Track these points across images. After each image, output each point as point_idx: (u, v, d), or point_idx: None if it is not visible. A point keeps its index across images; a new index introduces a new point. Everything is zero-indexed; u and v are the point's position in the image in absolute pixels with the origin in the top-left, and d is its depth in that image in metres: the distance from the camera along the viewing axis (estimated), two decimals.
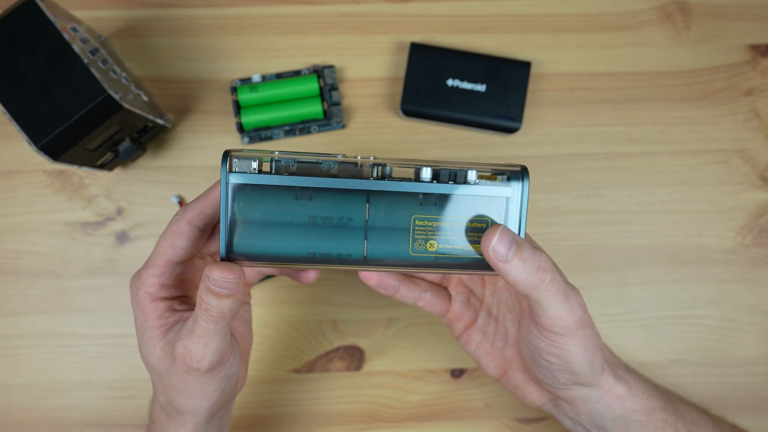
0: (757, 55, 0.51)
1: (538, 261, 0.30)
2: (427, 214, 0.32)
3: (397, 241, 0.32)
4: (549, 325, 0.32)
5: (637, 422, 0.37)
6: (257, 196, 0.31)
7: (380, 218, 0.32)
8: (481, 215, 0.32)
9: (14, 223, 0.49)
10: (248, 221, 0.31)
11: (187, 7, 0.51)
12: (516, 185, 0.31)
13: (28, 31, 0.39)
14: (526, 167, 0.32)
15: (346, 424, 0.50)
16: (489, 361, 0.39)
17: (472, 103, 0.49)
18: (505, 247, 0.29)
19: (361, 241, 0.32)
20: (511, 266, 0.30)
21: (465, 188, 0.31)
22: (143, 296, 0.33)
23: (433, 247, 0.32)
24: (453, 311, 0.39)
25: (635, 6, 0.52)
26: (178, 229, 0.33)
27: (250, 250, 0.31)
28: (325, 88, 0.50)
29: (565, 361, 0.33)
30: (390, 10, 0.51)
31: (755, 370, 0.51)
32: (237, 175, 0.31)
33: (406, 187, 0.31)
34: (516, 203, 0.32)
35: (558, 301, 0.31)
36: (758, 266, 0.51)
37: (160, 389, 0.34)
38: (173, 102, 0.50)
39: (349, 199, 0.31)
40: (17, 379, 0.49)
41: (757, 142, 0.51)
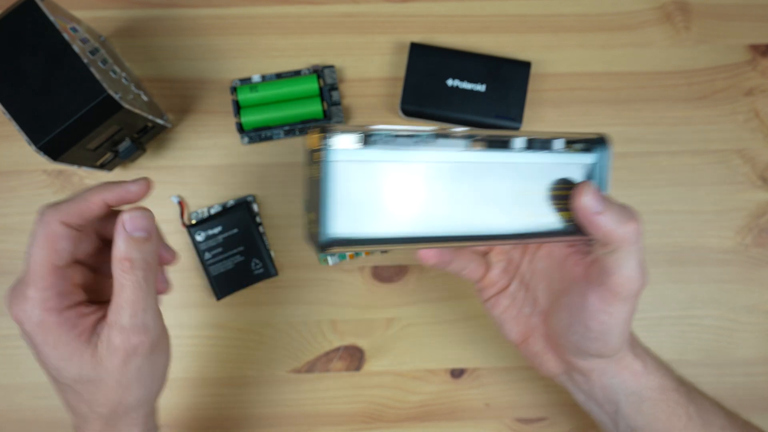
0: (757, 55, 0.51)
1: (629, 212, 0.31)
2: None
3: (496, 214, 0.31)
4: (617, 285, 0.32)
5: (650, 399, 0.37)
6: (360, 176, 0.28)
7: (482, 192, 0.30)
8: (568, 180, 0.32)
9: (14, 223, 0.49)
10: (349, 204, 0.28)
11: (187, 7, 0.51)
12: (598, 151, 0.32)
13: (27, 31, 0.39)
14: (606, 135, 0.33)
15: (346, 425, 0.50)
16: (513, 326, 0.39)
17: (472, 103, 0.49)
18: (596, 200, 0.31)
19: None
20: (603, 217, 0.31)
21: (556, 156, 0.31)
22: (45, 316, 0.30)
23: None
24: (490, 278, 0.39)
25: (635, 6, 0.52)
26: (54, 231, 0.31)
27: (351, 233, 0.28)
28: (325, 88, 0.50)
29: (607, 328, 0.34)
30: (390, 10, 0.51)
31: (755, 370, 0.50)
32: (345, 152, 0.27)
33: (506, 158, 0.30)
34: (599, 168, 0.33)
35: (635, 261, 0.32)
36: (758, 266, 0.51)
37: (100, 401, 0.32)
38: (173, 102, 0.50)
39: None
40: (16, 379, 0.49)
41: (757, 142, 0.51)
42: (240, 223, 0.49)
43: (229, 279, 0.47)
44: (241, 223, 0.49)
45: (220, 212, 0.49)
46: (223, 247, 0.48)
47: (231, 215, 0.49)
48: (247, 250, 0.49)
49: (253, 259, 0.49)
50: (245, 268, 0.49)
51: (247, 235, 0.49)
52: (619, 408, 0.38)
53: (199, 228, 0.48)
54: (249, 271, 0.49)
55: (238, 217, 0.49)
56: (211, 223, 0.48)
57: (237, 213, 0.49)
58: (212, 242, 0.48)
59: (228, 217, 0.49)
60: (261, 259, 0.49)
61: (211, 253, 0.49)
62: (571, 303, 0.35)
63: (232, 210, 0.49)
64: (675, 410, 0.38)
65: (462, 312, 0.50)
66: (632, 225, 0.31)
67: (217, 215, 0.49)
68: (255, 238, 0.49)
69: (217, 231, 0.48)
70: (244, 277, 0.49)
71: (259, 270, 0.49)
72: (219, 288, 0.49)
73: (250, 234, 0.49)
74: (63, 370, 0.31)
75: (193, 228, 0.48)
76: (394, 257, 0.50)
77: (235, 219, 0.49)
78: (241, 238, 0.49)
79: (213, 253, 0.48)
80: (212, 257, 0.49)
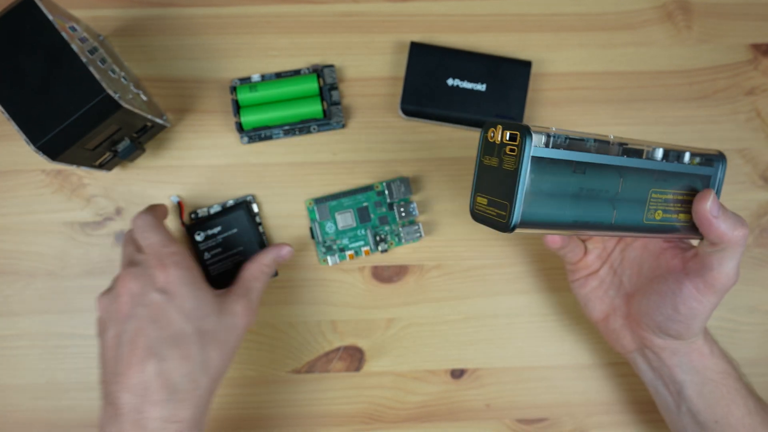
0: (758, 54, 0.51)
1: (740, 220, 0.37)
2: (660, 188, 0.37)
3: (637, 211, 0.37)
4: (715, 279, 0.38)
5: (713, 382, 0.41)
6: (548, 168, 0.33)
7: (628, 191, 0.36)
8: (691, 188, 0.39)
9: (12, 223, 0.49)
10: (536, 191, 0.33)
11: (186, 6, 0.50)
12: (718, 165, 0.39)
13: (26, 30, 0.39)
14: (723, 153, 0.40)
15: (345, 425, 0.50)
16: (596, 305, 0.45)
17: (472, 102, 0.48)
18: (716, 206, 0.37)
19: (611, 210, 0.36)
20: (720, 221, 0.37)
21: (686, 167, 0.38)
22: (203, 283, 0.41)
23: (659, 215, 0.38)
24: (585, 261, 0.45)
25: (636, 5, 0.51)
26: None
27: (534, 218, 0.33)
28: (324, 88, 0.49)
29: (694, 313, 0.39)
30: (390, 9, 0.51)
31: (756, 371, 0.50)
32: (537, 150, 0.33)
33: (653, 165, 0.37)
34: (717, 180, 0.39)
35: (735, 261, 0.38)
36: (759, 266, 0.51)
37: (215, 354, 0.39)
38: (172, 101, 0.50)
39: (609, 174, 0.35)
40: (15, 379, 0.49)
41: (759, 141, 0.51)
42: (239, 223, 0.48)
43: (229, 279, 0.47)
44: (240, 223, 0.48)
45: (219, 212, 0.49)
46: (222, 247, 0.48)
47: (230, 215, 0.48)
48: (247, 250, 0.48)
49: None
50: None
51: (246, 236, 0.48)
52: (682, 389, 0.42)
53: (198, 228, 0.48)
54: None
55: (238, 217, 0.48)
56: (211, 223, 0.48)
57: (236, 213, 0.48)
58: (212, 242, 0.48)
59: (227, 217, 0.48)
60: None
61: (210, 253, 0.48)
62: (665, 288, 0.40)
63: (231, 210, 0.49)
64: (735, 398, 0.41)
65: (462, 312, 0.50)
66: (742, 230, 0.37)
67: (217, 215, 0.48)
68: (254, 238, 0.48)
69: (216, 231, 0.48)
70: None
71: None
72: (218, 288, 0.48)
73: (249, 234, 0.48)
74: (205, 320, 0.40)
75: (193, 228, 0.48)
76: (394, 257, 0.50)
77: (235, 219, 0.48)
78: (240, 238, 0.48)
79: (212, 253, 0.48)
80: (212, 257, 0.48)
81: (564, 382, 0.50)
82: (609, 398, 0.50)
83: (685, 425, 0.43)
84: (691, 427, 0.42)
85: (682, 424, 0.43)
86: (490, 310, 0.50)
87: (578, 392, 0.50)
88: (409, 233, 0.49)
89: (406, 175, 0.50)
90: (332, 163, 0.50)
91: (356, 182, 0.50)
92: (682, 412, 0.42)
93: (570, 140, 0.34)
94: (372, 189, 0.50)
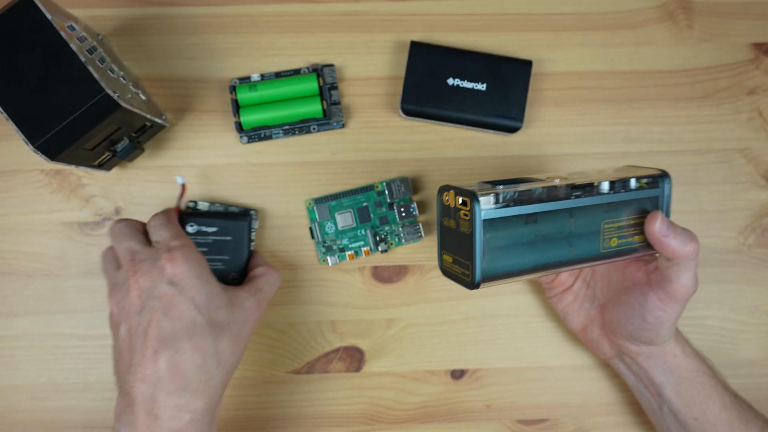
0: (760, 53, 0.51)
1: (690, 235, 0.39)
2: (611, 218, 0.40)
3: (593, 243, 0.40)
4: (675, 290, 0.40)
5: (688, 380, 0.44)
6: (501, 225, 0.36)
7: (581, 227, 0.39)
8: (641, 211, 0.41)
9: (11, 223, 0.49)
10: (494, 248, 0.36)
11: (185, 5, 0.50)
12: (662, 185, 0.42)
13: (25, 29, 0.39)
14: (666, 171, 0.42)
15: (345, 426, 0.50)
16: (574, 317, 0.47)
17: (472, 102, 0.48)
18: (665, 226, 0.40)
19: (568, 248, 0.39)
20: (670, 240, 0.39)
21: (633, 194, 0.41)
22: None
23: (615, 242, 0.41)
24: (559, 279, 0.47)
25: (637, 4, 0.51)
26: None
27: (495, 272, 0.37)
28: (324, 87, 0.49)
29: (660, 322, 0.41)
30: (390, 8, 0.51)
31: (758, 371, 0.50)
32: (487, 211, 0.36)
33: (600, 200, 0.40)
34: (664, 199, 0.42)
35: (692, 272, 0.40)
36: (761, 267, 0.50)
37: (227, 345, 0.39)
38: (172, 101, 0.50)
39: (560, 216, 0.38)
40: (14, 380, 0.49)
41: (761, 141, 0.51)
42: (236, 234, 0.46)
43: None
44: (237, 234, 0.46)
45: (220, 213, 0.48)
46: (209, 249, 0.46)
47: (231, 222, 0.46)
48: (232, 262, 0.46)
49: (232, 273, 0.46)
50: (222, 277, 0.45)
51: (238, 249, 0.46)
52: (661, 390, 0.44)
53: (194, 219, 0.46)
54: (224, 280, 0.45)
55: (238, 228, 0.46)
56: (208, 220, 0.46)
57: (238, 222, 0.46)
58: (201, 239, 0.46)
59: (228, 222, 0.46)
60: (240, 275, 0.46)
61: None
62: (632, 300, 0.42)
63: (234, 217, 0.47)
64: (711, 395, 0.43)
65: (462, 313, 0.50)
66: (692, 245, 0.39)
67: (217, 215, 0.47)
68: (244, 254, 0.47)
69: (210, 230, 0.46)
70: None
71: (234, 283, 0.46)
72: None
73: (241, 248, 0.46)
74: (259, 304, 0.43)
75: (186, 217, 0.46)
76: (394, 257, 0.50)
77: (234, 228, 0.46)
78: (231, 248, 0.46)
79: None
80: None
81: (564, 382, 0.50)
82: (609, 399, 0.50)
83: (668, 425, 0.45)
84: (674, 426, 0.45)
85: (666, 424, 0.45)
86: (490, 310, 0.50)
87: (578, 393, 0.50)
88: (409, 233, 0.49)
89: (406, 175, 0.50)
90: (332, 163, 0.50)
91: (356, 182, 0.50)
92: (664, 412, 0.45)
93: (519, 193, 0.37)
94: (372, 189, 0.49)
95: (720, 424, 0.43)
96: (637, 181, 0.41)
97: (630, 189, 0.40)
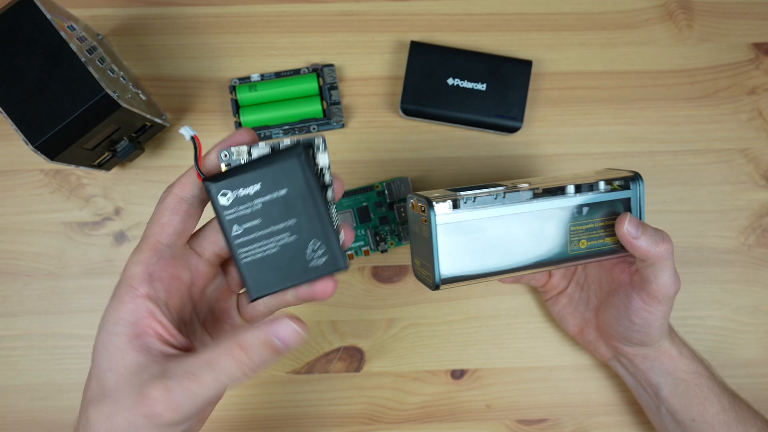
0: (760, 53, 0.51)
1: (661, 236, 0.39)
2: (578, 220, 0.40)
3: (560, 245, 0.40)
4: (655, 291, 0.39)
5: (685, 382, 0.43)
6: (460, 230, 0.38)
7: (546, 230, 0.40)
8: (612, 212, 0.41)
9: (11, 223, 0.49)
10: (451, 252, 0.38)
11: (185, 5, 0.50)
12: (634, 187, 0.41)
13: (24, 29, 0.39)
14: (638, 173, 0.41)
15: (345, 426, 0.50)
16: (570, 320, 0.47)
17: (472, 102, 0.48)
18: (634, 227, 0.39)
19: (533, 250, 0.40)
20: (640, 241, 0.38)
21: (601, 195, 0.41)
22: (124, 289, 0.28)
23: (584, 244, 0.41)
24: (552, 282, 0.47)
25: (637, 4, 0.51)
26: (164, 204, 0.29)
27: (456, 274, 0.38)
28: (324, 87, 0.49)
29: (647, 323, 0.41)
30: (390, 8, 0.51)
31: (758, 372, 0.50)
32: (443, 216, 0.37)
33: (565, 203, 0.40)
34: (636, 200, 0.41)
35: (669, 271, 0.39)
36: (761, 267, 0.50)
37: (93, 417, 0.27)
38: (171, 101, 0.50)
39: (523, 220, 0.39)
40: (13, 380, 0.49)
41: (761, 141, 0.51)
42: (292, 179, 0.30)
43: (270, 270, 0.30)
44: (293, 179, 0.30)
45: (259, 160, 0.31)
46: (261, 219, 0.30)
47: (277, 165, 0.30)
48: (302, 225, 0.30)
49: (312, 241, 0.31)
50: (296, 253, 0.31)
51: (303, 200, 0.30)
52: (658, 390, 0.44)
53: (224, 183, 0.30)
54: (302, 259, 0.31)
55: (290, 170, 0.30)
56: (245, 177, 0.30)
57: (288, 162, 0.30)
58: (244, 209, 0.30)
59: (272, 167, 0.30)
60: (325, 241, 0.31)
61: (241, 227, 0.30)
62: (619, 302, 0.42)
63: (280, 157, 0.30)
64: (708, 396, 0.43)
65: (462, 312, 0.50)
66: (664, 246, 0.38)
67: (255, 164, 0.30)
68: (316, 205, 0.30)
69: (252, 191, 0.30)
70: (294, 269, 0.31)
71: (320, 259, 0.31)
72: (253, 283, 0.31)
73: (308, 197, 0.30)
74: (100, 350, 0.28)
75: (215, 182, 0.30)
76: (394, 257, 0.50)
77: (285, 172, 0.30)
78: (293, 203, 0.30)
79: (244, 226, 0.31)
80: (243, 233, 0.31)
81: (564, 382, 0.50)
82: (609, 399, 0.50)
83: (666, 425, 0.45)
84: (672, 426, 0.45)
85: (664, 424, 0.45)
86: (490, 310, 0.50)
87: (578, 393, 0.50)
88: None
89: (406, 175, 0.50)
90: (332, 162, 0.50)
91: (356, 182, 0.50)
92: (662, 412, 0.45)
93: (478, 199, 0.38)
94: (372, 189, 0.49)
95: (718, 426, 0.43)
96: (607, 184, 0.41)
97: (599, 191, 0.40)
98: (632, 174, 0.41)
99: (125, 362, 0.27)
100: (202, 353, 0.26)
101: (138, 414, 0.26)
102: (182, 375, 0.26)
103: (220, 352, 0.26)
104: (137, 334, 0.27)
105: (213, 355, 0.26)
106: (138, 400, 0.26)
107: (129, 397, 0.26)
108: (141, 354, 0.27)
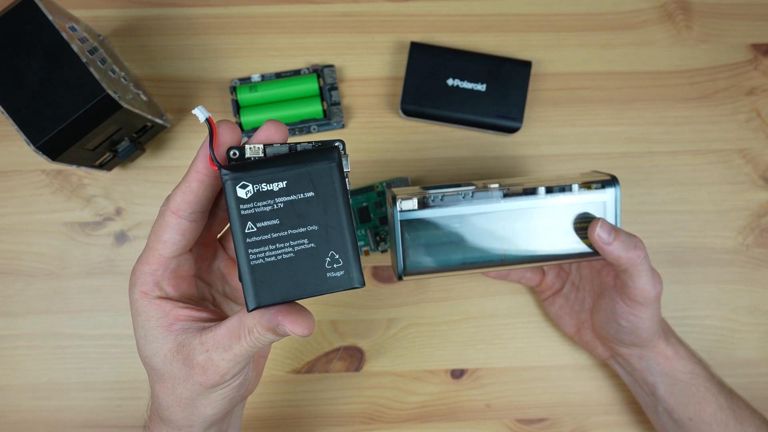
0: (758, 54, 0.51)
1: (634, 241, 0.39)
2: (550, 222, 0.40)
3: (527, 245, 0.41)
4: (635, 295, 0.40)
5: (681, 382, 0.43)
6: (425, 225, 0.40)
7: (514, 229, 0.41)
8: (587, 215, 0.41)
9: (12, 223, 0.49)
10: (416, 246, 0.40)
11: (186, 6, 0.50)
12: (610, 190, 0.41)
13: (26, 30, 0.39)
14: (615, 176, 0.42)
15: (345, 425, 0.50)
16: (567, 320, 0.48)
17: (472, 102, 0.48)
18: (606, 233, 0.39)
19: (499, 249, 0.41)
20: (612, 247, 0.39)
21: (572, 196, 0.41)
22: (138, 295, 0.31)
23: (555, 245, 0.41)
24: (546, 282, 0.48)
25: (636, 5, 0.51)
26: (164, 221, 0.30)
27: (418, 266, 0.40)
28: (324, 88, 0.49)
29: (634, 326, 0.41)
30: (390, 9, 0.51)
31: (757, 371, 0.50)
32: (406, 213, 0.39)
33: (534, 204, 0.40)
34: (611, 204, 0.41)
35: (646, 275, 0.39)
36: (760, 267, 0.51)
37: (160, 393, 0.31)
38: (172, 101, 0.50)
39: (490, 219, 0.40)
40: (15, 380, 0.49)
41: (759, 141, 0.51)
42: (323, 183, 0.27)
43: (280, 277, 0.28)
44: (325, 183, 0.27)
45: (286, 156, 0.28)
46: (280, 219, 0.27)
47: (309, 167, 0.27)
48: (323, 233, 0.28)
49: (330, 253, 0.28)
50: (313, 263, 0.28)
51: (330, 206, 0.27)
52: (655, 390, 0.44)
53: (245, 175, 0.27)
54: (319, 269, 0.28)
55: (323, 172, 0.27)
56: (270, 172, 0.27)
57: (320, 165, 0.27)
58: (263, 205, 0.27)
59: (303, 168, 0.27)
60: (344, 255, 0.28)
61: (255, 225, 0.27)
62: (606, 305, 0.43)
63: (311, 157, 0.28)
64: (705, 396, 0.43)
65: (462, 312, 0.50)
66: (636, 252, 0.38)
67: (283, 159, 0.28)
68: (343, 214, 0.28)
69: (277, 188, 0.27)
70: (307, 279, 0.28)
71: (336, 272, 0.28)
72: (259, 289, 0.28)
73: (337, 204, 0.27)
74: (143, 347, 0.31)
75: (234, 172, 0.27)
76: None
77: (317, 174, 0.27)
78: (318, 209, 0.27)
79: (259, 225, 0.27)
80: (257, 232, 0.27)
81: (564, 382, 0.50)
82: (608, 398, 0.50)
83: (664, 423, 0.45)
84: (670, 425, 0.45)
85: (662, 422, 0.45)
86: (489, 310, 0.50)
87: (578, 392, 0.50)
88: None
89: (406, 175, 0.50)
90: None
91: (356, 182, 0.50)
92: (660, 411, 0.45)
93: (445, 197, 0.39)
94: (372, 189, 0.50)
95: (715, 424, 0.43)
96: (581, 187, 0.41)
97: (571, 193, 0.41)
98: (609, 177, 0.41)
99: (168, 345, 0.30)
100: (227, 321, 0.29)
101: (194, 382, 0.30)
102: (216, 344, 0.29)
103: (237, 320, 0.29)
104: (169, 323, 0.30)
105: (235, 323, 0.29)
106: (189, 371, 0.30)
107: (180, 370, 0.30)
108: (179, 335, 0.30)
